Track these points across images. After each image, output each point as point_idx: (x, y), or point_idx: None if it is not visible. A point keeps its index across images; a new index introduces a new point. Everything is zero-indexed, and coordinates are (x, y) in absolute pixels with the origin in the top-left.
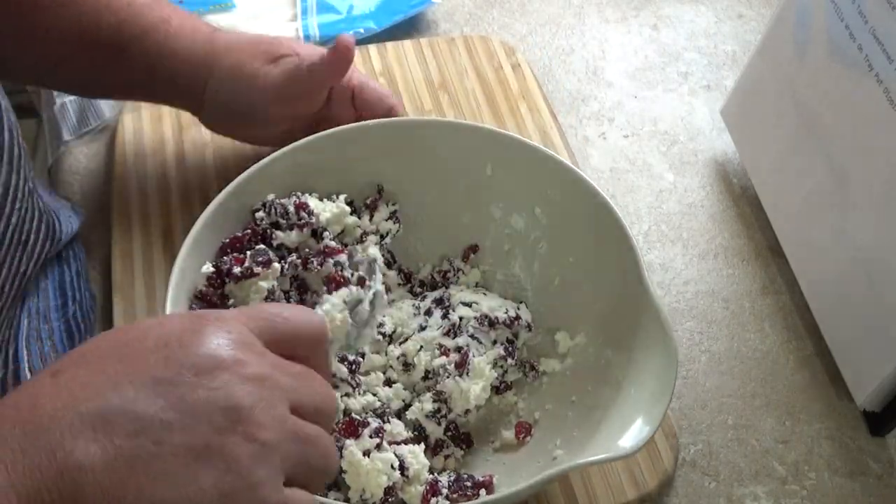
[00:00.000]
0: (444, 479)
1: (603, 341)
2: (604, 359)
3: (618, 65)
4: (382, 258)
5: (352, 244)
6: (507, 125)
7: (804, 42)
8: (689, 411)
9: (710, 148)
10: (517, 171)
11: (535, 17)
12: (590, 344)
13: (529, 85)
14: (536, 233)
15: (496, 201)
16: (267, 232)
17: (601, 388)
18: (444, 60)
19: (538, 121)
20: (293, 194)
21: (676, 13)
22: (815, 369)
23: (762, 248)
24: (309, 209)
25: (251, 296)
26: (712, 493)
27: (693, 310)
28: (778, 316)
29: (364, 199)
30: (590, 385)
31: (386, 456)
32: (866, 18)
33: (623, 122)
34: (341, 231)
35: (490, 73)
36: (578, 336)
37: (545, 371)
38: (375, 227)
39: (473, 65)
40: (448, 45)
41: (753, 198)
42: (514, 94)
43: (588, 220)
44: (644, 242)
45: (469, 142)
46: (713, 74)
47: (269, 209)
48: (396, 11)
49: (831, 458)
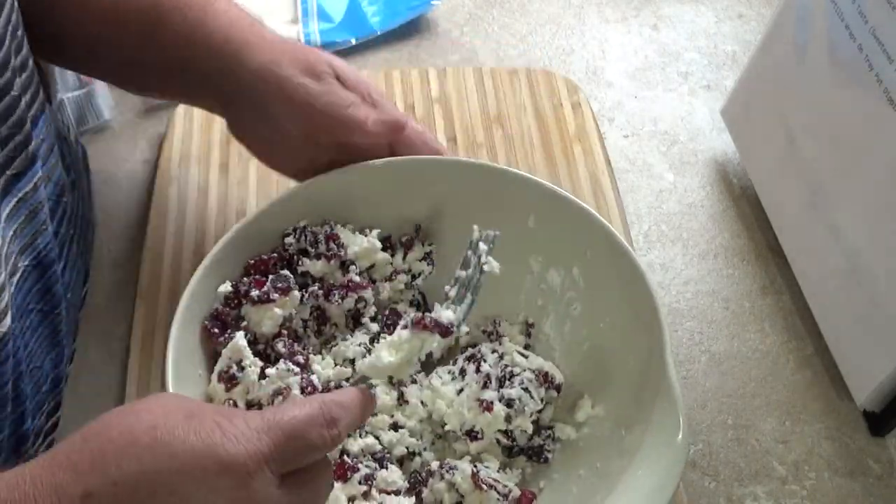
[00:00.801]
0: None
1: (621, 417)
2: (617, 437)
3: (618, 65)
4: (412, 298)
5: (380, 280)
6: (559, 166)
7: (804, 42)
8: (689, 411)
9: (710, 148)
10: (560, 227)
11: (535, 17)
12: (607, 418)
13: (588, 126)
14: (571, 293)
15: (535, 254)
16: (294, 258)
17: (608, 467)
18: (503, 93)
19: (590, 165)
20: (326, 223)
21: (676, 13)
22: (815, 369)
23: (762, 248)
24: (339, 241)
25: (265, 321)
26: (712, 493)
27: (693, 310)
28: (778, 316)
29: (401, 236)
30: (599, 461)
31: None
32: (866, 18)
33: (623, 122)
34: (371, 266)
35: (549, 110)
36: (598, 406)
37: (559, 438)
38: (408, 265)
39: (533, 100)
40: (510, 77)
41: (753, 198)
42: (570, 134)
43: (624, 289)
44: (644, 242)
45: (515, 190)
46: (713, 74)
47: (298, 236)
48: (396, 14)
49: (831, 458)
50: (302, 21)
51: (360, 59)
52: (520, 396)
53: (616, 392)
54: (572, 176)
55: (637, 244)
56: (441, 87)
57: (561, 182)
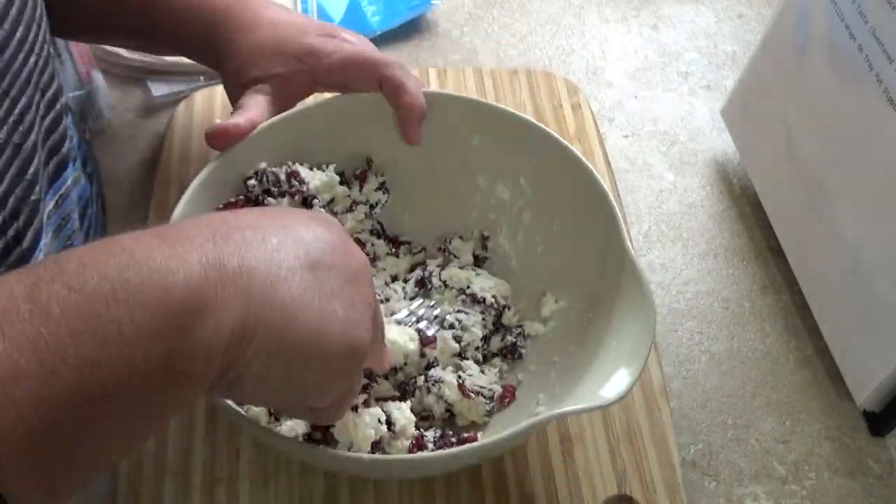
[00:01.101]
0: (429, 434)
1: (585, 304)
2: (585, 320)
3: (618, 65)
4: (372, 227)
5: (341, 213)
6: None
7: (804, 42)
8: (689, 411)
9: (710, 148)
10: (502, 142)
11: (535, 17)
12: (572, 307)
13: (587, 127)
14: (521, 202)
15: (482, 171)
16: (259, 199)
17: (582, 347)
18: (503, 93)
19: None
20: (284, 164)
21: (676, 13)
22: (815, 369)
23: (762, 248)
24: (300, 177)
25: None
26: (712, 493)
27: (693, 310)
28: (778, 316)
29: (354, 170)
30: (571, 346)
31: (373, 411)
32: (866, 18)
33: (623, 122)
34: (331, 200)
35: (549, 111)
36: (562, 300)
37: (529, 334)
38: (365, 197)
39: (533, 101)
40: (510, 77)
41: (753, 198)
42: (570, 135)
43: (572, 187)
44: (644, 242)
45: (455, 113)
46: (713, 74)
47: (260, 177)
48: (396, 14)
49: (831, 458)
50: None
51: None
52: (456, 319)
53: (577, 283)
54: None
55: (637, 244)
56: (441, 87)
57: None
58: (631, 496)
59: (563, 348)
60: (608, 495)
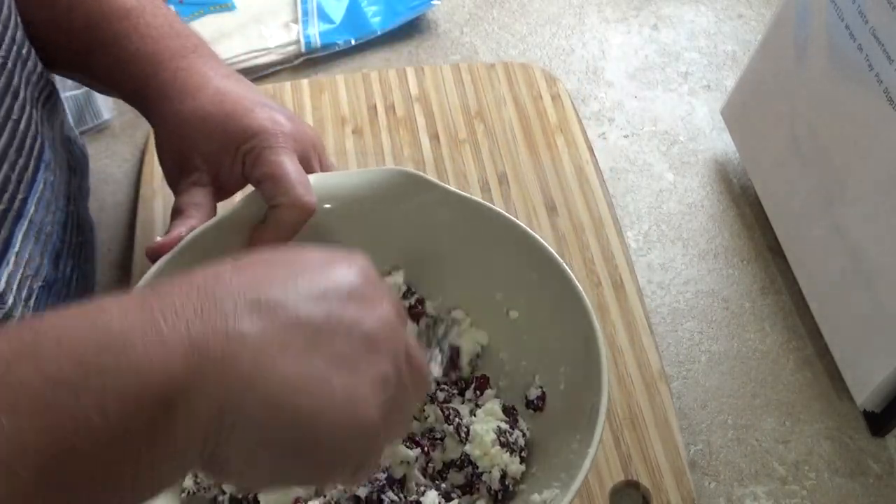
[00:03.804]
0: None
1: (536, 316)
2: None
3: (618, 65)
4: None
5: None
6: (543, 159)
7: (804, 42)
8: (689, 411)
9: (710, 148)
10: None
11: (535, 17)
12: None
13: (568, 117)
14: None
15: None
16: None
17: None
18: (482, 87)
19: (574, 156)
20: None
21: (676, 13)
22: (815, 369)
23: (762, 248)
24: None
25: None
26: (712, 493)
27: (693, 310)
28: (778, 316)
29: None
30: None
31: None
32: (866, 18)
33: (623, 122)
34: None
35: (529, 102)
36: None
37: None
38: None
39: (512, 94)
40: (487, 72)
41: (753, 198)
42: (551, 126)
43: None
44: (644, 242)
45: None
46: (713, 74)
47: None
48: (396, 14)
49: (831, 458)
50: (302, 22)
51: (360, 60)
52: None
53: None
54: (557, 167)
55: (637, 244)
56: (420, 85)
57: (546, 174)
58: (638, 482)
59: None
60: (616, 482)
